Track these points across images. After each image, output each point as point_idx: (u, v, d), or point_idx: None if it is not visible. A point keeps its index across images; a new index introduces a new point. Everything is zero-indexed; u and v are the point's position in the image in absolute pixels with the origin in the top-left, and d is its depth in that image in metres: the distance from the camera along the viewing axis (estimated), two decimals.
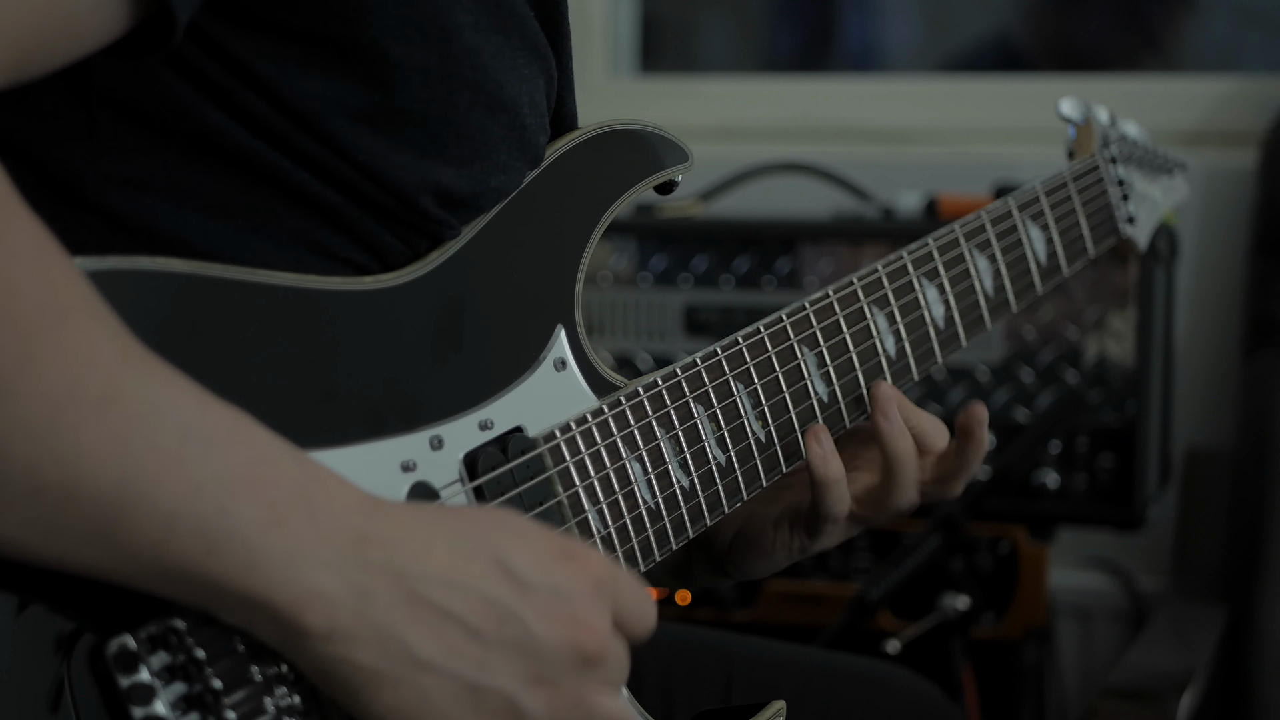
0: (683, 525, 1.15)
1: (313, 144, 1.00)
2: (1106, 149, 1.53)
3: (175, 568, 0.84)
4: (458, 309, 1.06)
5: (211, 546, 0.84)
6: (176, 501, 0.83)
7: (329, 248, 1.03)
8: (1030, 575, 2.25)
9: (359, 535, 0.88)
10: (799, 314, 1.23)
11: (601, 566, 0.95)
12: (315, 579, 0.86)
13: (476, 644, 0.90)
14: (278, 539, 0.85)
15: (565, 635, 0.92)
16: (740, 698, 1.40)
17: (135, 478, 0.82)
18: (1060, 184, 1.46)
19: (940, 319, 1.32)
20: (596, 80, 2.95)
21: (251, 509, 0.84)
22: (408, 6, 1.00)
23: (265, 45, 0.98)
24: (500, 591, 0.91)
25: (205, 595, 0.86)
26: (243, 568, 0.84)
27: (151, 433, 0.82)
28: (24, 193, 0.84)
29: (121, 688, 0.88)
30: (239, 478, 0.85)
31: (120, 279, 0.91)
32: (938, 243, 1.33)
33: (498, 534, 0.93)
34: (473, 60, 1.03)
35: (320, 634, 0.87)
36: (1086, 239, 1.48)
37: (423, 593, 0.89)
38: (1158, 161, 1.63)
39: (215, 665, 0.89)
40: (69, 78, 0.96)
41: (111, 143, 0.98)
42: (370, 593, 0.87)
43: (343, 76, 1.00)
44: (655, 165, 1.18)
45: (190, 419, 0.84)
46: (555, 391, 1.10)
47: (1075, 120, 1.54)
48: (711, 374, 1.18)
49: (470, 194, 1.07)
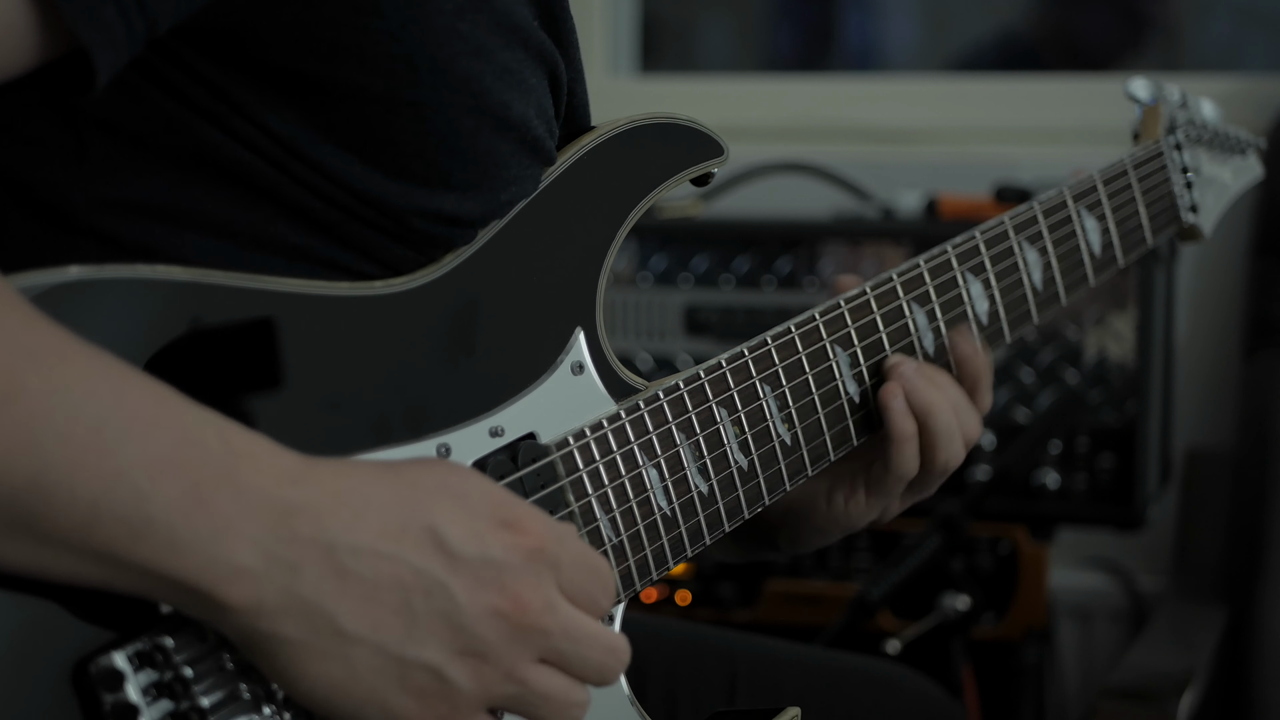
0: (700, 533, 1.13)
1: (302, 168, 0.99)
2: (1173, 134, 1.47)
3: (105, 552, 0.84)
4: (471, 313, 1.04)
5: (135, 531, 0.83)
6: (96, 490, 0.83)
7: (340, 262, 1.02)
8: (1030, 575, 2.25)
9: (288, 507, 0.87)
10: (833, 312, 1.20)
11: (541, 537, 0.94)
12: (240, 556, 0.85)
13: (403, 616, 0.89)
14: (202, 519, 0.85)
15: (491, 606, 0.91)
16: (744, 697, 1.40)
17: (49, 469, 0.82)
18: (1120, 172, 1.40)
19: (984, 315, 1.28)
20: (596, 80, 2.94)
21: (173, 492, 0.84)
22: (392, 43, 0.98)
23: (242, 78, 0.97)
24: (429, 562, 0.90)
25: (136, 579, 0.85)
26: (167, 550, 0.84)
27: (61, 425, 0.82)
28: (11, 219, 0.83)
29: (105, 706, 0.87)
30: (159, 462, 0.84)
31: (119, 288, 0.90)
32: (985, 236, 1.29)
33: (434, 499, 0.92)
34: (473, 86, 1.01)
35: (245, 609, 0.86)
36: (1145, 228, 1.42)
37: (350, 565, 0.88)
38: (1229, 143, 1.56)
39: (202, 683, 0.89)
40: (56, 102, 0.95)
41: (103, 164, 0.97)
42: (297, 567, 0.87)
43: (326, 111, 0.98)
44: (688, 160, 1.14)
45: (104, 409, 0.84)
46: (571, 396, 1.07)
47: (1144, 101, 1.46)
48: (736, 376, 1.15)
49: (479, 214, 1.05)
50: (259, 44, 0.96)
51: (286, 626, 0.87)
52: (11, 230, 0.91)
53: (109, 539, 0.83)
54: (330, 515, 0.88)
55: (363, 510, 0.90)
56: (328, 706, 0.90)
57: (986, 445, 2.26)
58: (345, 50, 0.97)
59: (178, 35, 0.95)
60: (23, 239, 0.88)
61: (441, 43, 1.00)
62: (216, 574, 0.85)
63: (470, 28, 1.01)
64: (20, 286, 0.86)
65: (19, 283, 0.86)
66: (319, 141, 0.99)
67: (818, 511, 1.26)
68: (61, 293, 0.87)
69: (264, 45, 0.96)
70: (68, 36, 0.89)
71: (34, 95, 0.94)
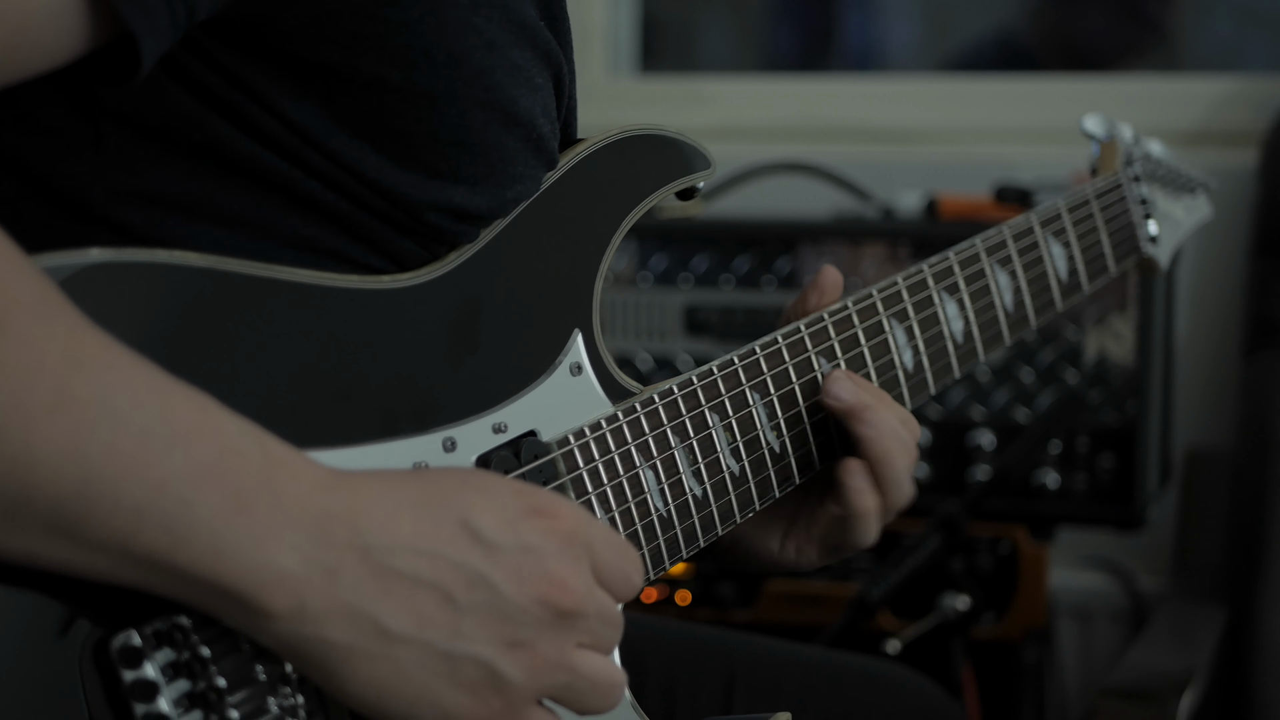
0: (694, 534, 1.15)
1: (317, 157, 1.00)
2: (1130, 167, 1.52)
3: (145, 559, 0.84)
4: (474, 310, 1.06)
5: (178, 539, 0.84)
6: (140, 499, 0.83)
7: (348, 255, 1.03)
8: (1030, 575, 2.25)
9: (323, 513, 0.88)
10: (817, 325, 1.23)
11: (573, 520, 0.94)
12: (281, 561, 0.86)
13: (448, 611, 0.90)
14: (243, 526, 0.85)
15: (537, 594, 0.91)
16: (743, 698, 1.40)
17: (95, 479, 0.82)
18: (1083, 201, 1.45)
19: (959, 334, 1.31)
20: (596, 80, 2.94)
21: (215, 500, 0.85)
22: (409, 34, 0.99)
23: (262, 67, 0.97)
24: (468, 555, 0.91)
25: (175, 584, 0.86)
26: (209, 557, 0.85)
27: (108, 434, 0.82)
28: (26, 208, 0.83)
29: (125, 683, 0.88)
30: (202, 471, 0.85)
31: (136, 271, 0.91)
32: (959, 257, 1.32)
33: (462, 495, 0.92)
34: (485, 81, 1.02)
35: (289, 615, 0.87)
36: (1108, 257, 1.47)
37: (390, 564, 0.89)
38: (1181, 180, 1.62)
39: (220, 664, 0.90)
40: (73, 92, 0.96)
41: (118, 156, 0.98)
42: (337, 570, 0.87)
43: (343, 101, 0.99)
44: (678, 171, 1.17)
45: (149, 418, 0.84)
46: (570, 396, 1.09)
47: (1099, 137, 1.52)
48: (727, 383, 1.17)
49: (486, 209, 1.07)
50: (279, 34, 0.97)
51: (331, 631, 0.88)
52: (26, 220, 0.91)
53: (151, 546, 0.84)
54: (365, 518, 0.89)
55: (395, 512, 0.90)
56: (380, 708, 0.90)
57: (986, 445, 2.26)
58: (364, 40, 0.98)
59: (201, 27, 0.95)
60: (37, 229, 0.88)
61: (457, 35, 1.01)
62: (259, 579, 0.86)
63: (484, 22, 1.02)
64: (45, 267, 0.86)
65: (42, 263, 0.86)
66: (335, 131, 0.99)
67: (767, 555, 1.26)
68: (83, 275, 0.88)
69: (284, 35, 0.97)
70: (113, 25, 0.89)
71: (50, 86, 0.95)
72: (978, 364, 1.34)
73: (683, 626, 1.49)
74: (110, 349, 0.85)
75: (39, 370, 0.81)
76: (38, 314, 0.83)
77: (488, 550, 0.91)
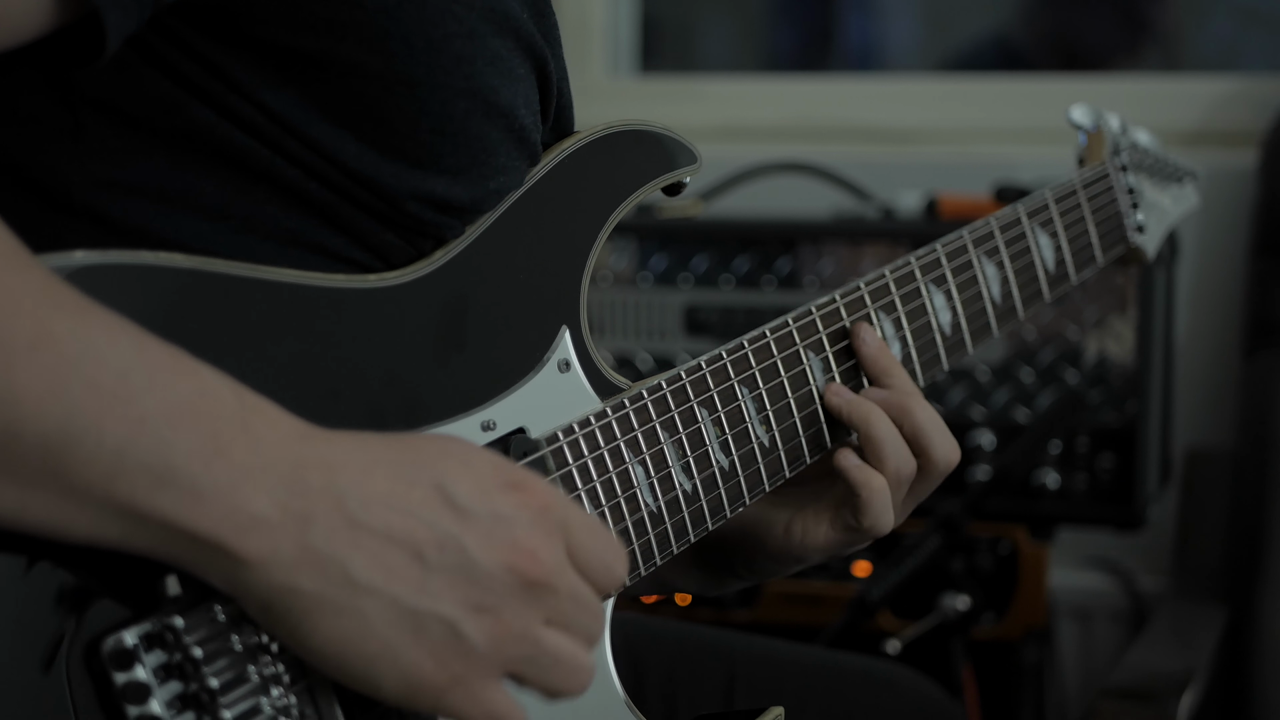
0: (684, 529, 1.14)
1: (297, 146, 1.00)
2: (1117, 157, 1.52)
3: (127, 505, 0.84)
4: (461, 308, 1.06)
5: (158, 479, 0.84)
6: (121, 436, 0.83)
7: (330, 248, 1.03)
8: (1030, 575, 2.25)
9: (300, 461, 0.88)
10: (805, 318, 1.22)
11: (549, 497, 0.94)
12: (257, 506, 0.86)
13: (417, 568, 0.89)
14: (220, 469, 0.85)
15: (504, 560, 0.91)
16: (743, 698, 1.40)
17: (77, 415, 0.82)
18: (1069, 191, 1.45)
19: (947, 325, 1.32)
20: (596, 80, 2.94)
21: (194, 440, 0.85)
22: (387, 19, 0.99)
23: (239, 54, 0.97)
24: (439, 517, 0.90)
25: (154, 536, 0.86)
26: (189, 499, 0.85)
27: (89, 371, 0.83)
28: (5, 199, 0.84)
29: (117, 686, 0.88)
30: (181, 409, 0.85)
31: (121, 273, 0.91)
32: (946, 249, 1.32)
33: (441, 461, 0.92)
34: (465, 69, 1.03)
35: (261, 561, 0.86)
36: (1095, 247, 1.47)
37: (362, 517, 0.88)
38: (1168, 170, 1.62)
39: (212, 664, 0.89)
40: (51, 80, 0.96)
41: (98, 145, 0.97)
42: (310, 517, 0.87)
43: (322, 88, 0.99)
44: (663, 166, 1.17)
45: (128, 357, 0.85)
46: (559, 393, 1.09)
47: (1086, 127, 1.52)
48: (716, 377, 1.17)
49: (468, 200, 1.06)
50: (255, 20, 0.97)
51: (301, 579, 0.87)
52: (6, 211, 0.91)
53: (131, 488, 0.84)
54: (340, 470, 0.89)
55: (370, 467, 0.90)
56: (341, 664, 0.89)
57: (986, 445, 2.26)
58: (341, 26, 0.98)
59: (175, 12, 0.95)
60: (17, 219, 0.89)
61: (436, 22, 1.01)
62: (235, 524, 0.85)
63: (464, 10, 1.02)
64: None
65: None
66: (315, 119, 0.99)
67: (773, 539, 1.25)
68: (69, 278, 0.88)
69: (260, 21, 0.97)
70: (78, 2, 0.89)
71: (31, 74, 0.95)
72: (966, 355, 1.34)
73: (682, 627, 1.49)
74: (84, 298, 0.85)
75: (17, 312, 0.82)
76: (12, 263, 0.84)
77: (459, 514, 0.91)
